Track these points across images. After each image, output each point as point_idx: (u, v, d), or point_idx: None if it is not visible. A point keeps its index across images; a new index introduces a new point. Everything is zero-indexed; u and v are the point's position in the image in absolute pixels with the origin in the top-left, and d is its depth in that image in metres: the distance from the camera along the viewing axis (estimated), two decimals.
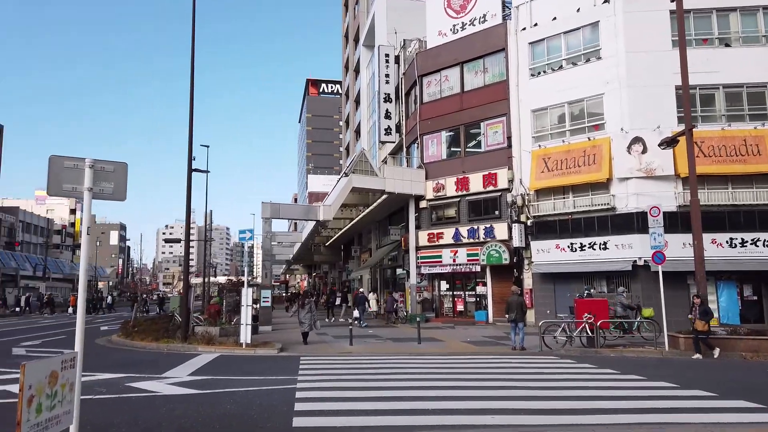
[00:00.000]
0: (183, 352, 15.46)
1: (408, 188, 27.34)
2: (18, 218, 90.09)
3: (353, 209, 34.53)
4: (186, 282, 17.91)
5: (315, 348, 16.44)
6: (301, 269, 78.61)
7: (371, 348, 16.27)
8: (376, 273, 37.48)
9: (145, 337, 17.74)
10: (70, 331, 24.56)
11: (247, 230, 15.88)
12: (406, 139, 31.10)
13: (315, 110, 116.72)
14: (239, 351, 15.34)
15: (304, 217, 25.43)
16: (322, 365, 12.37)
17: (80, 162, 4.96)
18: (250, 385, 9.64)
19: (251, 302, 15.91)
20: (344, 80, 59.21)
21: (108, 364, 12.67)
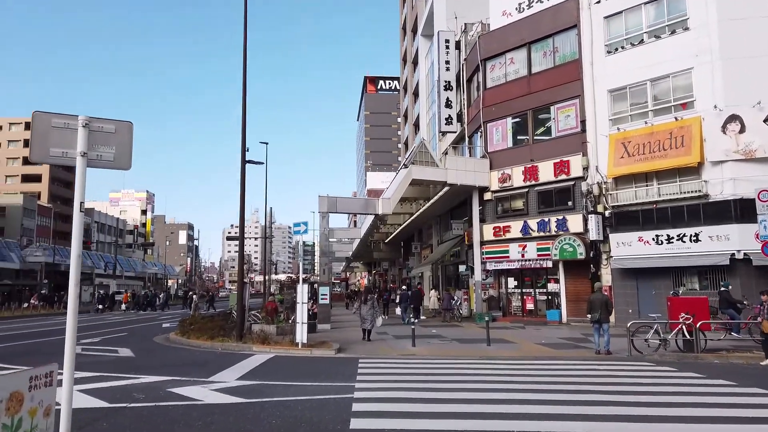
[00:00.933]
0: (237, 352, 14.65)
1: (471, 179, 25.73)
2: (93, 219, 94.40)
3: (413, 203, 33.21)
4: (240, 279, 17.15)
5: (375, 348, 15.26)
6: (361, 267, 78.08)
7: (435, 350, 14.91)
8: (438, 270, 36.01)
9: (200, 335, 17.13)
10: (134, 328, 24.56)
11: (301, 223, 14.87)
12: (468, 129, 29.48)
13: (373, 107, 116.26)
14: (295, 351, 14.37)
15: (363, 211, 24.37)
16: (382, 369, 11.13)
17: (72, 120, 3.90)
18: (301, 392, 8.52)
19: (307, 299, 14.89)
20: (402, 73, 57.99)
21: (156, 365, 11.94)
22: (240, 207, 16.84)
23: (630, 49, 22.05)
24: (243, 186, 16.90)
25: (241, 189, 16.87)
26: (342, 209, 23.79)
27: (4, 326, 26.31)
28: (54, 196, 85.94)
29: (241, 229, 16.93)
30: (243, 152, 17.02)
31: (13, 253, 63.47)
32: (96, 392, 8.39)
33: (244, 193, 16.85)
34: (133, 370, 10.99)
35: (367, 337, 17.28)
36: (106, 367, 11.43)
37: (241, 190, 16.86)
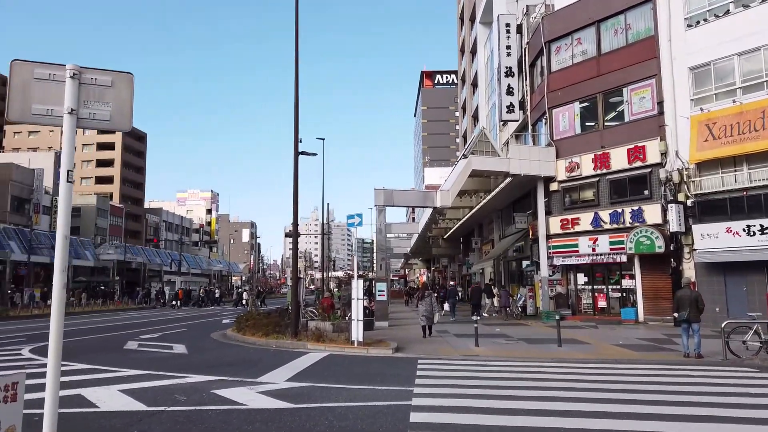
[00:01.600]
0: (291, 350, 14.05)
1: (536, 169, 24.23)
2: (161, 218, 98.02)
3: (473, 196, 31.92)
4: (295, 275, 16.57)
5: (435, 348, 14.30)
6: (420, 263, 77.08)
7: (501, 350, 13.77)
8: (500, 266, 34.55)
9: (255, 331, 16.71)
10: (194, 324, 24.64)
11: (356, 215, 14.09)
12: (531, 116, 27.90)
13: (430, 102, 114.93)
14: (350, 350, 13.61)
15: (420, 204, 23.39)
16: (443, 372, 10.16)
17: (59, 71, 3.18)
18: (354, 398, 7.68)
19: (362, 296, 14.09)
20: (460, 65, 56.50)
21: (207, 363, 11.46)
22: (293, 200, 16.26)
23: (714, 21, 19.98)
24: (296, 178, 16.31)
25: (294, 182, 16.29)
26: (399, 202, 22.90)
27: (80, 320, 27.12)
28: (124, 197, 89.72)
29: (294, 224, 16.36)
30: (296, 143, 16.42)
31: (87, 251, 66.45)
32: (137, 393, 7.87)
33: (297, 186, 16.26)
34: (182, 368, 10.52)
35: (428, 333, 16.81)
36: (155, 365, 11.04)
37: (294, 183, 16.28)
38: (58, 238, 3.20)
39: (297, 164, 16.40)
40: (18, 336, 18.18)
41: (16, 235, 53.83)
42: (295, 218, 16.26)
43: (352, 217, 14.50)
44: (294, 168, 16.35)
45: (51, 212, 65.91)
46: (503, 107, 28.75)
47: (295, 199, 16.24)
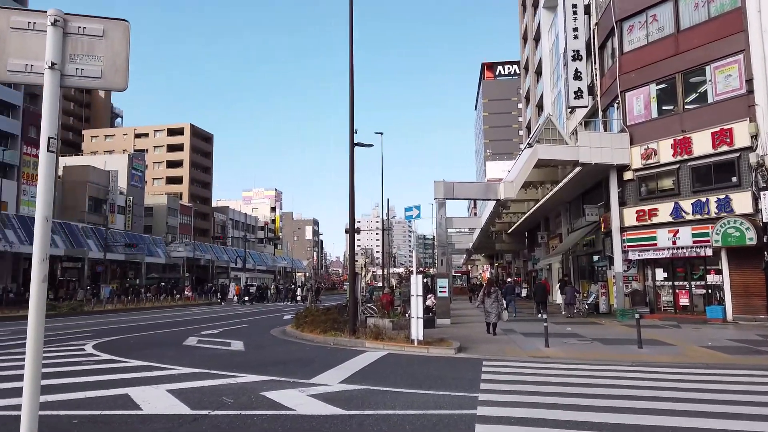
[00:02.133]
0: (348, 348, 13.51)
1: (607, 157, 22.65)
2: (228, 217, 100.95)
3: (539, 188, 30.43)
4: (352, 271, 16.03)
5: (500, 347, 13.36)
6: (483, 259, 75.40)
7: (574, 352, 12.65)
8: (568, 261, 32.86)
9: (313, 328, 16.31)
10: (256, 320, 24.69)
11: (413, 207, 13.38)
12: (601, 102, 26.19)
13: (491, 94, 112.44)
14: (410, 349, 12.91)
15: (483, 196, 22.35)
16: (511, 376, 9.26)
17: (39, 18, 2.63)
18: (411, 404, 6.96)
19: (422, 292, 13.34)
20: (522, 53, 54.54)
21: (261, 362, 11.06)
22: (350, 194, 15.72)
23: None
24: (352, 171, 15.76)
25: (351, 174, 15.75)
26: (460, 195, 21.96)
27: (148, 315, 27.91)
28: (193, 196, 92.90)
29: (351, 217, 15.82)
30: (351, 135, 15.87)
31: (159, 249, 69.08)
32: (185, 394, 7.48)
33: (353, 179, 15.71)
34: (235, 366, 10.15)
35: (492, 331, 16.34)
36: (210, 363, 10.75)
37: (351, 176, 15.74)
38: (37, 221, 2.68)
39: (353, 156, 15.86)
40: (87, 331, 18.64)
41: (93, 234, 56.59)
42: (352, 212, 15.72)
43: (410, 210, 13.78)
44: (350, 160, 15.81)
45: (125, 212, 69.02)
46: (570, 93, 27.14)
47: (351, 192, 15.71)
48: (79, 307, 29.52)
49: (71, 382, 8.40)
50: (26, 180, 53.93)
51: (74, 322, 22.96)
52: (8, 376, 9.12)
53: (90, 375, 9.15)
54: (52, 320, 24.58)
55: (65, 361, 10.90)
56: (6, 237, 44.72)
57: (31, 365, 2.71)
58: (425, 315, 20.25)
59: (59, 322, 23.17)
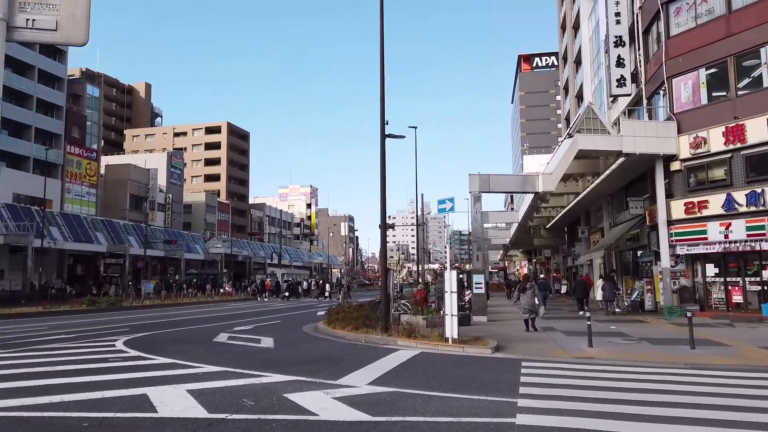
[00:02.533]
0: (380, 346, 13.03)
1: (653, 146, 21.49)
2: (264, 213, 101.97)
3: (579, 181, 29.29)
4: (384, 266, 15.52)
5: (540, 347, 12.66)
6: (520, 255, 73.91)
7: (620, 352, 11.85)
8: (611, 256, 31.60)
9: (345, 325, 15.90)
10: (289, 316, 24.51)
11: (447, 199, 12.76)
12: (646, 89, 24.93)
13: (528, 87, 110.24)
14: (444, 348, 12.34)
15: (520, 189, 21.48)
16: (553, 379, 8.61)
17: None
18: (444, 411, 6.41)
19: (456, 288, 12.74)
20: (560, 42, 52.98)
21: (289, 360, 10.68)
22: (381, 187, 15.22)
23: None
24: (383, 164, 15.25)
25: (381, 167, 15.24)
26: (496, 188, 21.18)
27: (184, 311, 28.11)
28: (230, 193, 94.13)
29: (382, 211, 15.32)
30: (382, 125, 15.35)
31: (198, 245, 70.14)
32: (205, 395, 7.12)
33: (384, 172, 15.19)
34: (262, 365, 9.79)
35: (531, 327, 16.00)
36: (237, 361, 10.43)
37: (381, 169, 15.23)
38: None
39: (384, 149, 15.34)
40: (122, 327, 18.71)
41: (134, 231, 57.76)
42: (383, 206, 15.21)
43: (443, 202, 13.18)
44: (381, 153, 15.30)
45: (165, 209, 70.34)
46: (613, 81, 25.91)
47: (383, 186, 15.20)
48: (118, 302, 29.99)
49: (93, 380, 8.17)
50: (70, 179, 55.45)
51: (112, 318, 23.24)
52: (28, 373, 8.97)
53: (113, 373, 8.92)
54: (90, 315, 24.98)
55: (93, 357, 10.77)
56: (51, 234, 45.99)
57: None
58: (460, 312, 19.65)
59: (97, 318, 23.50)
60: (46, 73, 54.00)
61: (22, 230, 42.96)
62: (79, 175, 57.13)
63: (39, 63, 52.58)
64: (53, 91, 54.86)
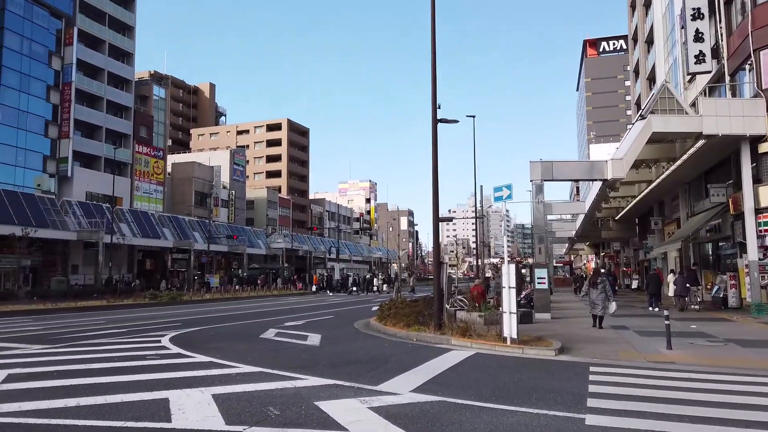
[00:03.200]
0: (432, 345, 12.11)
1: (738, 127, 19.37)
2: (324, 208, 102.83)
3: (652, 168, 27.12)
4: (437, 259, 14.51)
5: (611, 348, 11.35)
6: (587, 249, 70.67)
7: (704, 356, 10.40)
8: (688, 249, 29.19)
9: (396, 322, 15.06)
10: (344, 311, 23.98)
11: (503, 186, 11.62)
12: (728, 65, 22.63)
13: (595, 73, 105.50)
14: (501, 349, 11.27)
15: (587, 177, 19.87)
16: (628, 387, 7.42)
17: None
18: (497, 428, 5.44)
19: (514, 283, 11.60)
20: (630, 22, 49.84)
21: (332, 360, 9.95)
22: (433, 175, 14.24)
23: None
24: (435, 149, 14.26)
25: (434, 153, 14.26)
26: (559, 176, 19.68)
27: (242, 305, 28.22)
28: (291, 189, 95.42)
29: (435, 199, 14.33)
30: (434, 108, 14.36)
31: (260, 240, 71.34)
32: (229, 400, 6.47)
33: (436, 158, 14.20)
34: (301, 366, 9.11)
35: (599, 324, 15.13)
36: (276, 360, 9.80)
37: (434, 154, 14.25)
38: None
39: (436, 134, 14.34)
40: (175, 321, 18.67)
41: (199, 227, 59.27)
42: (435, 194, 14.23)
43: (499, 189, 12.05)
44: (433, 138, 14.31)
45: (228, 205, 71.96)
46: (690, 58, 23.74)
47: (435, 174, 14.21)
48: (179, 296, 30.49)
49: (120, 381, 7.72)
50: (138, 177, 57.50)
51: (170, 312, 23.45)
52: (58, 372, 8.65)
53: (145, 372, 8.47)
54: (150, 309, 25.38)
55: (132, 355, 10.44)
56: (120, 230, 47.78)
57: None
58: (522, 309, 18.41)
59: (156, 311, 23.81)
60: (115, 76, 56.08)
61: (93, 227, 44.79)
62: (147, 173, 59.12)
63: (108, 66, 54.65)
64: (122, 93, 56.93)
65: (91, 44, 53.29)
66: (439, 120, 14.51)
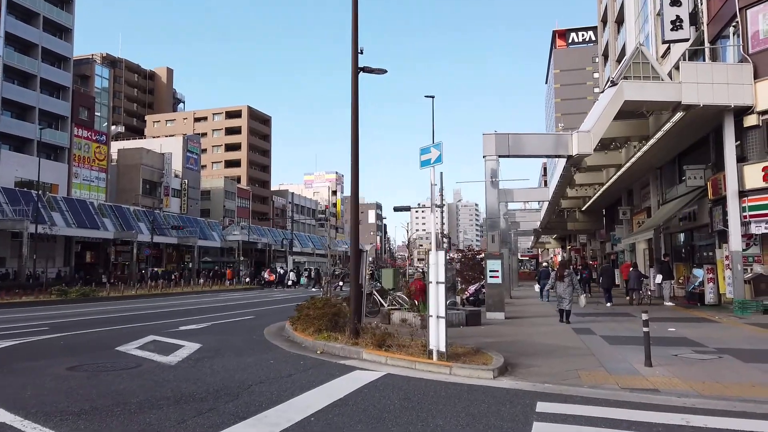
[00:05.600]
0: (334, 361, 8.99)
1: (722, 96, 16.68)
2: (288, 200, 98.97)
3: (622, 149, 24.48)
4: (355, 245, 11.23)
5: (571, 363, 8.40)
6: (553, 242, 68.68)
7: (696, 378, 7.50)
8: (659, 240, 26.71)
9: (307, 326, 11.85)
10: (267, 311, 20.73)
11: (432, 147, 8.53)
12: (708, 31, 20.01)
13: (563, 64, 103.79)
14: (423, 367, 8.21)
15: (550, 152, 16.87)
16: None
17: None
18: None
19: (443, 278, 8.50)
20: (599, 3, 47.52)
21: (178, 391, 6.74)
22: (352, 129, 11.09)
23: None
24: (355, 101, 11.11)
25: (353, 107, 11.10)
26: (518, 151, 16.64)
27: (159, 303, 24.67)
28: (252, 180, 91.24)
29: (354, 167, 11.16)
30: (355, 55, 11.17)
31: (214, 233, 67.34)
32: None
33: (356, 112, 11.05)
34: (79, 412, 5.87)
35: (565, 319, 14.32)
36: (56, 399, 6.54)
37: (353, 109, 11.10)
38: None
39: (356, 85, 11.17)
40: (42, 325, 15.09)
41: (145, 217, 54.95)
42: (355, 155, 11.05)
43: (426, 151, 8.93)
44: (353, 89, 11.15)
45: (181, 195, 67.70)
46: (666, 24, 21.03)
47: (355, 130, 11.05)
48: (92, 292, 26.67)
49: None
50: (78, 163, 53.00)
51: (61, 312, 19.73)
52: None
53: None
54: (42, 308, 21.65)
55: None
56: (53, 220, 43.48)
57: None
58: (469, 308, 15.47)
59: (44, 311, 20.14)
60: (51, 52, 51.32)
61: (19, 215, 40.45)
62: (88, 159, 54.57)
63: (43, 41, 49.90)
64: (59, 71, 52.20)
65: (24, 17, 48.54)
66: (361, 68, 11.33)
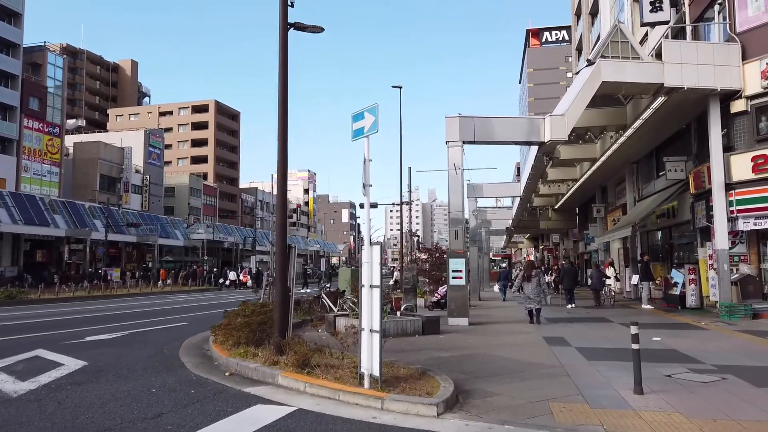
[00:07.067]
0: (238, 389, 6.97)
1: (707, 79, 15.10)
2: (257, 198, 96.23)
3: (597, 141, 22.94)
4: (282, 239, 9.14)
5: (541, 390, 6.54)
6: (526, 242, 67.51)
7: (700, 410, 5.71)
8: (635, 239, 25.27)
9: (226, 338, 9.78)
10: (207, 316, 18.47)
11: (366, 111, 6.58)
12: (690, 12, 18.53)
13: (537, 63, 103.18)
14: (349, 398, 6.24)
15: (520, 138, 15.10)
16: None
17: None
18: None
19: (378, 281, 6.56)
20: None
21: None
22: (280, 99, 9.09)
23: None
24: (284, 64, 9.10)
25: (281, 70, 9.10)
26: (484, 137, 14.79)
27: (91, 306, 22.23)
28: (219, 176, 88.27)
29: (281, 147, 9.14)
30: (283, 7, 9.16)
31: (177, 231, 64.52)
32: None
33: (286, 76, 9.05)
34: None
35: (536, 320, 14.17)
36: None
37: (282, 72, 9.09)
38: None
39: (285, 43, 9.17)
40: None
41: (102, 214, 51.87)
42: (283, 126, 9.05)
43: (360, 118, 6.97)
44: (281, 50, 9.14)
45: (142, 191, 64.60)
46: (645, 5, 19.47)
47: (283, 98, 9.05)
48: (20, 294, 24.06)
49: None
50: (27, 156, 49.74)
51: None
52: None
53: None
54: None
55: None
56: None
57: None
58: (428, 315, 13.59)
59: None
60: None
61: None
62: (39, 152, 51.33)
63: None
64: (7, 58, 48.87)
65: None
66: (291, 24, 9.31)
